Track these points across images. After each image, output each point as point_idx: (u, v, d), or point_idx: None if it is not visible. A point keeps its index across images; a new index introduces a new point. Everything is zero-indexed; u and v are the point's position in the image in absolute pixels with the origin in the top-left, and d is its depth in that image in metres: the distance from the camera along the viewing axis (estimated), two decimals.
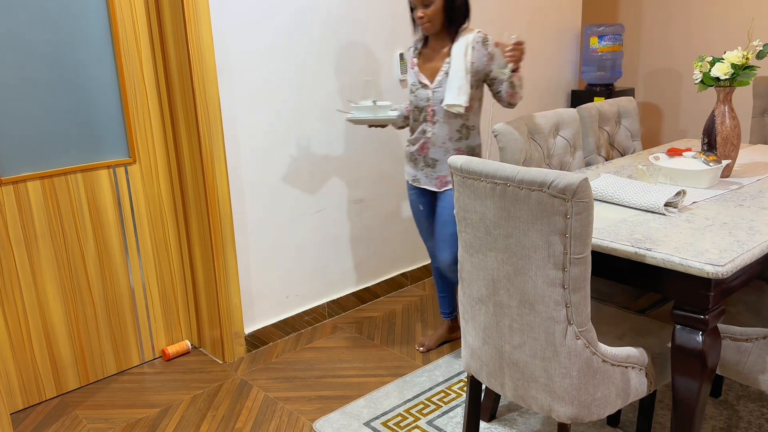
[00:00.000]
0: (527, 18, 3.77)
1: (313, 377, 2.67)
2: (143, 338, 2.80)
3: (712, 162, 2.18)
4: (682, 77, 4.30)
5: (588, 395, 1.63)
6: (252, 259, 2.83)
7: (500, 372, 1.77)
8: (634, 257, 1.67)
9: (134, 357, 2.80)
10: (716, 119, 2.26)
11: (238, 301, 2.80)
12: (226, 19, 2.55)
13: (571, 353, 1.59)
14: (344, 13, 2.93)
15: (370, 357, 2.80)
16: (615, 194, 2.03)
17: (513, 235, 1.59)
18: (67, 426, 2.39)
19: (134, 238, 2.70)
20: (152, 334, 2.83)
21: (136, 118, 2.61)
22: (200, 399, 2.54)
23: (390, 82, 3.17)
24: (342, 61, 2.97)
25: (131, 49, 2.54)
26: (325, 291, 3.16)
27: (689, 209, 1.96)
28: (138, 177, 2.67)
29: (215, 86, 2.55)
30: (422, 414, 2.37)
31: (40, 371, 2.53)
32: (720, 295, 1.62)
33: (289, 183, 2.89)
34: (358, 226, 3.21)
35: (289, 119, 2.83)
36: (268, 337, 2.95)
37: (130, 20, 2.52)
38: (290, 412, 2.43)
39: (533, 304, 1.61)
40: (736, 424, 2.20)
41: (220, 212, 2.66)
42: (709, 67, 2.22)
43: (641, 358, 1.72)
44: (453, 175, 1.72)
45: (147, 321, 2.81)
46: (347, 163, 3.09)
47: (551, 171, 1.48)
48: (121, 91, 2.56)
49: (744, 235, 1.71)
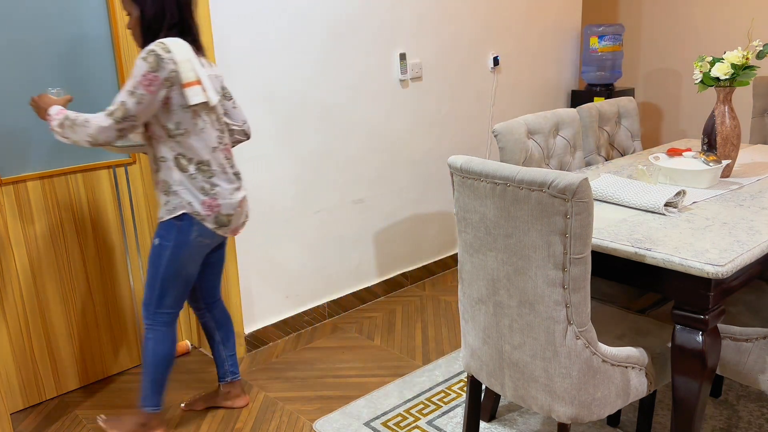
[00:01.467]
0: (527, 18, 3.78)
1: (313, 377, 2.67)
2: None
3: (712, 162, 2.18)
4: (682, 77, 4.30)
5: (588, 395, 1.63)
6: (252, 259, 2.83)
7: (500, 372, 1.77)
8: (634, 257, 1.67)
9: (134, 357, 2.80)
10: (716, 119, 2.26)
11: (238, 301, 2.80)
12: (226, 19, 2.55)
13: (571, 353, 1.59)
14: (344, 13, 2.93)
15: (370, 357, 2.80)
16: (615, 194, 2.03)
17: (513, 235, 1.59)
18: (67, 426, 2.39)
19: (134, 238, 2.70)
20: None
21: None
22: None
23: (390, 82, 3.17)
24: (342, 61, 2.97)
25: (132, 49, 2.54)
26: (325, 291, 3.16)
27: (689, 209, 1.96)
28: (138, 177, 2.67)
29: None
30: (422, 414, 2.37)
31: (40, 371, 2.53)
32: (720, 295, 1.62)
33: (289, 183, 2.89)
34: (358, 226, 3.21)
35: (288, 119, 2.83)
36: (268, 337, 2.95)
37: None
38: (290, 412, 2.43)
39: (533, 304, 1.61)
40: (736, 424, 2.20)
41: None
42: (709, 67, 2.22)
43: (641, 358, 1.72)
44: (453, 175, 1.72)
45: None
46: (347, 163, 3.09)
47: (551, 171, 1.48)
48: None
49: (744, 235, 1.71)
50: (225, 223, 2.08)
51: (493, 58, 3.61)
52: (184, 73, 1.92)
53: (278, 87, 2.77)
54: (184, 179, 2.02)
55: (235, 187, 2.11)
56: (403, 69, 3.19)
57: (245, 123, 2.27)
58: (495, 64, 3.61)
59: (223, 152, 2.08)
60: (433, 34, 3.30)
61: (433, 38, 3.30)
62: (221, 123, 2.10)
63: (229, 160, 2.12)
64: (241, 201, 2.13)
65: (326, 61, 2.91)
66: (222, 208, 2.06)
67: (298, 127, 2.87)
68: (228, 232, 2.12)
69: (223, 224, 2.08)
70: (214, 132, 2.05)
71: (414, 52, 3.24)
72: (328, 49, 2.90)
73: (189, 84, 1.93)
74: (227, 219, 2.08)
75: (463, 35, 3.44)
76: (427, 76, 3.32)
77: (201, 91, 1.96)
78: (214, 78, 2.11)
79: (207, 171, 2.03)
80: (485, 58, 3.60)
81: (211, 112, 2.04)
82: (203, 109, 2.00)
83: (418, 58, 3.26)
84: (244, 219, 2.19)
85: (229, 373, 2.43)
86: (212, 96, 2.00)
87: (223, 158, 2.07)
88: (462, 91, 3.51)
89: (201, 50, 2.06)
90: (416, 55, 3.25)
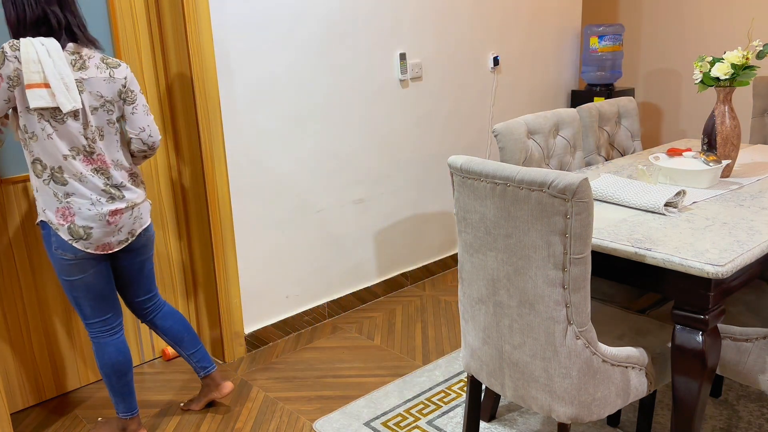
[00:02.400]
0: (527, 18, 3.78)
1: (313, 377, 2.67)
2: (143, 338, 2.80)
3: (712, 162, 2.18)
4: (682, 77, 4.30)
5: (588, 395, 1.63)
6: (252, 259, 2.83)
7: (500, 372, 1.77)
8: (634, 257, 1.67)
9: (134, 357, 2.80)
10: (716, 119, 2.26)
11: (238, 301, 2.80)
12: (226, 19, 2.55)
13: (571, 353, 1.59)
14: (344, 13, 2.93)
15: (370, 357, 2.80)
16: (615, 194, 2.03)
17: (513, 235, 1.59)
18: (67, 426, 2.39)
19: None
20: (152, 333, 2.83)
21: None
22: None
23: (390, 82, 3.17)
24: (342, 61, 2.97)
25: (131, 49, 2.54)
26: (325, 291, 3.16)
27: (689, 209, 1.96)
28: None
29: (215, 86, 2.55)
30: (422, 414, 2.37)
31: (40, 371, 2.53)
32: (720, 295, 1.62)
33: (289, 183, 2.89)
34: (358, 226, 3.21)
35: (288, 119, 2.83)
36: (268, 337, 2.95)
37: (131, 21, 2.52)
38: (290, 412, 2.43)
39: (533, 304, 1.61)
40: (736, 424, 2.20)
41: (220, 212, 2.66)
42: (709, 67, 2.22)
43: (641, 358, 1.72)
44: (453, 175, 1.72)
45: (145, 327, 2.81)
46: (347, 163, 3.09)
47: (551, 171, 1.48)
48: None
49: (744, 235, 1.71)
50: (81, 236, 1.95)
51: (493, 58, 3.61)
52: (27, 74, 1.81)
53: (278, 87, 2.76)
54: (40, 185, 1.93)
55: (103, 199, 1.97)
56: (403, 69, 3.19)
57: (143, 131, 2.07)
58: (495, 64, 3.61)
59: (85, 162, 1.94)
60: (433, 34, 3.30)
61: (433, 38, 3.30)
62: (92, 130, 1.95)
63: (102, 172, 1.98)
64: (111, 213, 1.98)
65: (326, 61, 2.91)
66: (76, 219, 1.94)
67: (298, 127, 2.87)
68: (92, 247, 1.98)
69: (80, 237, 1.95)
70: (73, 139, 1.91)
71: (414, 52, 3.24)
72: (328, 49, 2.90)
73: (32, 86, 1.82)
74: (84, 232, 1.95)
75: (463, 35, 3.44)
76: (427, 76, 3.32)
77: (47, 94, 1.83)
78: (98, 82, 1.95)
79: (60, 179, 1.92)
80: (485, 58, 3.60)
81: (72, 118, 1.90)
82: (50, 113, 1.87)
83: (418, 58, 3.26)
84: (122, 237, 2.04)
85: (199, 368, 2.37)
86: (63, 101, 1.84)
87: (82, 167, 1.93)
88: (462, 91, 3.51)
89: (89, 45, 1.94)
90: (416, 55, 3.25)
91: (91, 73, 1.93)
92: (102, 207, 1.97)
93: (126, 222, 2.04)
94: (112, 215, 1.99)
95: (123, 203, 2.02)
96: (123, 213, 2.02)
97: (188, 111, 2.57)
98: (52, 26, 1.87)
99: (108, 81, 1.97)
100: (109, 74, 1.97)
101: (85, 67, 1.92)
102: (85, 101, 1.92)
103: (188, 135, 2.62)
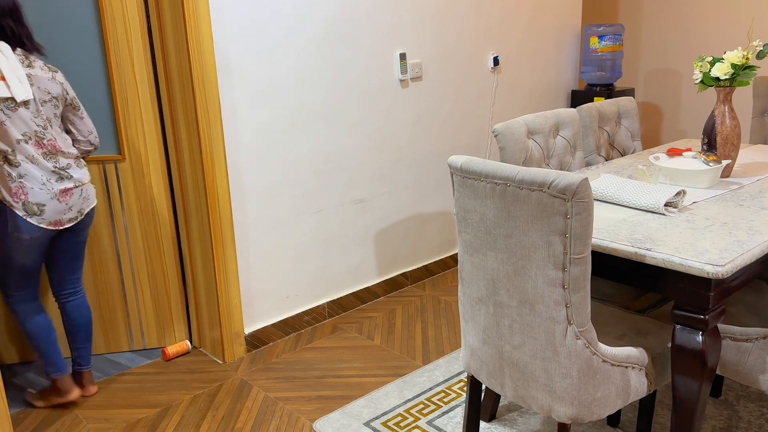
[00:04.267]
0: (527, 18, 3.78)
1: (313, 377, 2.67)
2: (134, 337, 2.80)
3: (712, 162, 2.18)
4: (682, 77, 4.30)
5: (588, 395, 1.63)
6: (252, 259, 2.83)
7: (500, 372, 1.77)
8: (634, 257, 1.67)
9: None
10: (716, 119, 2.26)
11: (238, 301, 2.80)
12: (226, 19, 2.55)
13: (571, 353, 1.59)
14: (344, 13, 2.93)
15: (370, 357, 2.80)
16: (615, 194, 2.03)
17: (513, 235, 1.59)
18: (67, 426, 2.39)
19: (124, 231, 2.70)
20: (143, 332, 2.83)
21: (126, 116, 2.62)
22: (200, 399, 2.54)
23: (390, 82, 3.17)
24: (342, 61, 2.97)
25: (123, 51, 2.54)
26: (325, 291, 3.16)
27: (689, 209, 1.96)
28: (129, 174, 2.68)
29: (215, 86, 2.55)
30: (422, 414, 2.37)
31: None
32: (720, 295, 1.62)
33: (289, 183, 2.89)
34: (358, 226, 3.21)
35: (289, 119, 2.83)
36: (268, 337, 2.95)
37: (121, 20, 2.52)
38: (290, 412, 2.43)
39: (533, 304, 1.61)
40: (736, 424, 2.20)
41: (220, 212, 2.66)
42: (709, 67, 2.22)
43: (641, 358, 1.72)
44: (453, 175, 1.72)
45: (138, 318, 2.81)
46: (347, 163, 3.09)
47: (551, 171, 1.48)
48: (111, 89, 2.57)
49: (744, 235, 1.71)
50: (35, 212, 2.16)
51: (493, 58, 3.61)
52: None
53: (278, 87, 2.76)
54: None
55: (53, 179, 2.19)
56: (403, 69, 3.19)
57: (91, 133, 2.36)
58: (495, 64, 3.61)
59: (36, 146, 2.17)
60: (433, 34, 3.30)
61: (433, 38, 3.30)
62: (43, 119, 2.18)
63: (52, 156, 2.20)
64: (61, 192, 2.20)
65: (326, 61, 2.91)
66: (30, 196, 2.15)
67: (298, 127, 2.87)
68: (45, 222, 2.18)
69: (34, 213, 2.16)
70: (25, 125, 2.14)
71: (414, 52, 3.24)
72: (328, 49, 2.90)
73: None
74: (38, 208, 2.16)
75: (463, 35, 3.44)
76: (427, 76, 3.32)
77: (3, 86, 2.07)
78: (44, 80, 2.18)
79: (13, 161, 2.14)
80: (485, 58, 3.60)
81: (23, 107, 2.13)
82: (3, 103, 2.09)
83: (418, 58, 3.26)
84: (73, 215, 2.26)
85: (76, 364, 2.51)
86: (18, 92, 2.09)
87: (33, 150, 2.16)
88: (462, 91, 3.51)
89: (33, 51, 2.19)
90: (416, 55, 3.25)
91: (38, 72, 2.18)
92: (52, 186, 2.19)
93: (76, 202, 2.26)
94: (62, 194, 2.21)
95: (71, 182, 2.24)
96: (72, 192, 2.24)
97: (188, 111, 2.57)
98: (7, 35, 2.14)
99: (51, 81, 2.21)
100: (51, 76, 2.22)
101: (33, 67, 2.17)
102: (35, 93, 2.16)
103: (188, 135, 2.62)
